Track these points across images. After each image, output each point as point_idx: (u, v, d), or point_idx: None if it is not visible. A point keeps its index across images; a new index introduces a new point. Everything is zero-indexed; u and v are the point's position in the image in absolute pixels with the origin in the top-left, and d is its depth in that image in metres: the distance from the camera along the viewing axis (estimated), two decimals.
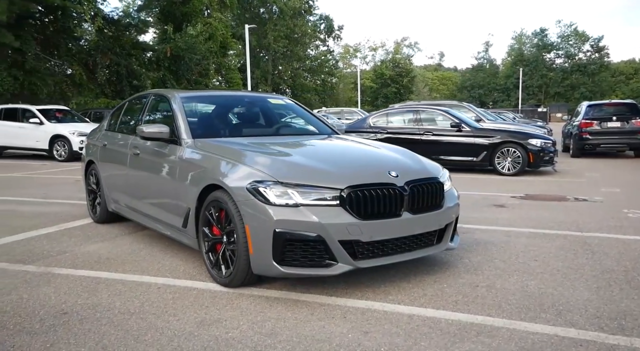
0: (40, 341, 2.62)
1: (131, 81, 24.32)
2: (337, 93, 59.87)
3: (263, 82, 45.92)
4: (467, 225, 5.45)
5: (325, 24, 55.19)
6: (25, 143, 14.33)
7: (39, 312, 3.02)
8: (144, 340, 2.66)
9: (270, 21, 44.73)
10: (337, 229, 3.15)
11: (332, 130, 5.03)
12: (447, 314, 3.05)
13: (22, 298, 3.25)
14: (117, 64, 23.91)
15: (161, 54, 26.79)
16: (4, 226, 5.45)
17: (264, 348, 2.60)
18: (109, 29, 25.01)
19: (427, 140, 10.91)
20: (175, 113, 4.35)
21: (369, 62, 79.60)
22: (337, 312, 3.08)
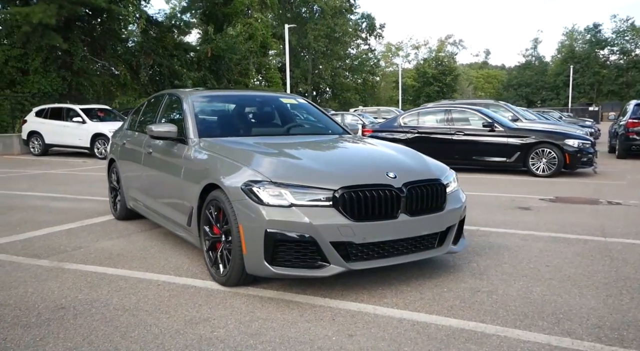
0: (32, 335, 2.72)
1: (173, 81, 24.92)
2: (378, 92, 59.50)
3: (303, 82, 46.15)
4: (484, 228, 5.30)
5: (367, 23, 54.91)
6: (69, 141, 14.94)
7: (39, 306, 3.13)
8: (130, 337, 2.71)
9: (311, 20, 44.86)
10: (329, 230, 3.11)
11: (344, 130, 4.99)
12: (439, 319, 2.97)
13: (27, 292, 3.38)
14: (159, 65, 24.58)
15: (202, 54, 27.35)
16: (31, 221, 5.69)
17: (245, 348, 2.60)
18: (153, 31, 25.77)
19: (458, 140, 10.67)
20: (185, 112, 4.42)
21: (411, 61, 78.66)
22: (327, 314, 3.05)
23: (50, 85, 20.15)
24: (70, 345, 2.60)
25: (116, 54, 23.64)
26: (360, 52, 55.34)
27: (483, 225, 5.45)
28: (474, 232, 5.16)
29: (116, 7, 20.51)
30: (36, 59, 19.87)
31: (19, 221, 5.72)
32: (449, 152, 10.80)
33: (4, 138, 16.87)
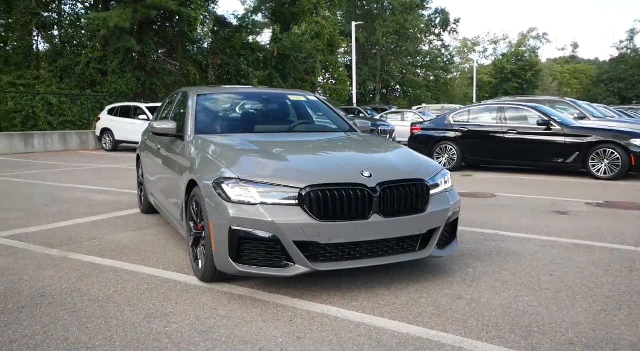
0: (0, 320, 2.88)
1: (239, 80, 25.66)
2: (452, 90, 57.75)
3: (371, 79, 45.76)
4: (504, 232, 4.98)
5: (441, 18, 53.43)
6: (135, 138, 15.77)
7: (23, 293, 3.32)
8: (86, 328, 2.80)
9: (380, 17, 44.35)
10: (292, 229, 3.05)
11: (351, 128, 4.88)
12: (400, 326, 2.83)
13: (22, 279, 3.60)
14: (227, 64, 25.41)
15: (269, 53, 27.93)
16: (67, 212, 6.07)
17: (188, 344, 2.60)
18: (222, 31, 26.70)
19: (510, 138, 10.12)
20: (188, 109, 4.52)
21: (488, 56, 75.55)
22: (287, 315, 2.99)
23: (126, 85, 21.43)
24: (27, 332, 2.73)
25: (187, 55, 24.68)
26: (432, 48, 53.98)
27: (504, 229, 5.12)
28: (490, 236, 4.87)
29: (185, 9, 21.40)
30: (114, 61, 21.20)
31: (56, 212, 6.11)
32: (499, 151, 10.28)
33: (81, 134, 18.15)
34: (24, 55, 21.03)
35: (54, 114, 18.96)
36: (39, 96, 18.73)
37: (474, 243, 4.63)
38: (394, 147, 4.17)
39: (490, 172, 10.49)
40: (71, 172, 10.66)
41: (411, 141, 11.68)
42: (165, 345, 2.60)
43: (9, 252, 4.30)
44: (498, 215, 5.93)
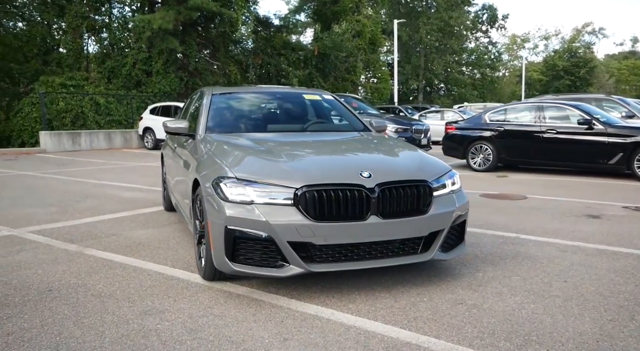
0: (3, 313, 2.99)
1: (279, 79, 25.87)
2: (499, 88, 56.15)
3: (414, 78, 45.08)
4: (525, 236, 4.78)
5: (488, 14, 52.07)
6: None
7: (32, 287, 3.44)
8: (81, 323, 2.86)
9: (424, 15, 43.59)
10: (286, 230, 3.02)
11: (365, 127, 4.81)
12: (391, 330, 2.76)
13: (35, 273, 3.73)
14: (267, 64, 25.66)
15: (309, 52, 28.01)
16: (95, 208, 6.27)
17: (173, 343, 2.62)
18: (263, 31, 27.00)
19: (548, 138, 9.72)
20: (201, 108, 4.57)
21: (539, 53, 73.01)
22: (280, 316, 2.97)
23: (169, 85, 22.00)
24: (25, 325, 2.82)
25: (229, 55, 25.09)
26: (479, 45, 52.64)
27: (527, 233, 4.91)
28: (510, 239, 4.68)
29: (226, 10, 21.74)
30: (158, 62, 21.81)
31: (85, 208, 6.33)
32: (537, 151, 9.89)
33: (125, 133, 18.77)
34: (75, 57, 21.93)
35: (101, 114, 19.70)
36: (87, 96, 19.50)
37: (491, 246, 4.46)
38: (402, 147, 4.07)
39: (527, 173, 10.12)
40: (110, 170, 11.02)
41: (445, 140, 11.43)
42: (153, 342, 2.63)
43: (31, 246, 4.47)
44: (524, 217, 5.70)
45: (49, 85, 19.28)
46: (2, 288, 3.39)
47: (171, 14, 20.25)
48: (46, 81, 19.40)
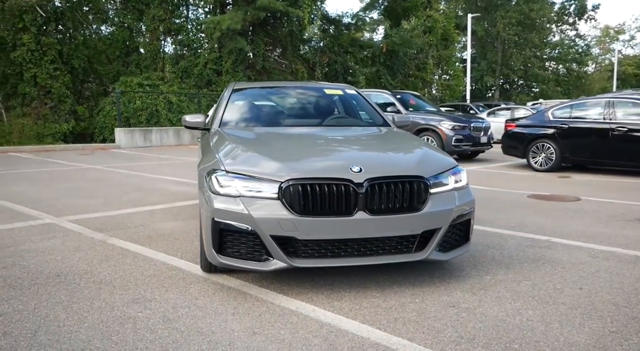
0: (6, 295, 3.19)
1: (346, 77, 25.82)
2: (587, 84, 52.53)
3: (490, 74, 43.22)
4: (557, 239, 4.47)
5: (576, 5, 48.86)
6: None
7: (44, 272, 3.65)
8: (70, 308, 2.99)
9: (502, 8, 41.63)
10: (269, 223, 2.99)
11: (385, 122, 4.68)
12: (365, 330, 2.67)
13: (54, 259, 3.96)
14: (335, 62, 25.69)
15: (377, 50, 27.74)
16: (139, 200, 6.57)
17: (145, 331, 2.68)
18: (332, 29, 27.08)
19: (618, 136, 8.94)
20: (221, 102, 4.65)
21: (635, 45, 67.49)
22: (260, 310, 2.96)
23: None
24: (20, 307, 3.00)
25: (296, 54, 25.41)
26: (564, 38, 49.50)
27: (561, 236, 4.56)
28: (539, 242, 4.37)
29: (294, 9, 22.02)
30: (228, 61, 22.53)
31: (129, 200, 6.65)
32: (605, 151, 9.14)
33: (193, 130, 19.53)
34: (152, 58, 23.17)
35: (173, 112, 20.64)
36: (162, 95, 20.53)
37: (514, 249, 4.18)
38: (409, 142, 3.92)
39: (594, 174, 9.40)
40: (170, 165, 11.52)
41: (505, 139, 10.87)
42: (126, 329, 2.70)
43: (62, 234, 4.76)
44: (567, 220, 5.29)
45: (128, 85, 20.49)
46: (18, 272, 3.63)
47: (239, 14, 20.83)
48: (125, 81, 20.63)
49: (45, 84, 19.61)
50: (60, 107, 19.95)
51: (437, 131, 11.64)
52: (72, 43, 20.76)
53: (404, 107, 12.44)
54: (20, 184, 8.08)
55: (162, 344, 2.52)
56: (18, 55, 19.32)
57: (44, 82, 19.55)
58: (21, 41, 19.29)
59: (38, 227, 5.02)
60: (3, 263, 3.82)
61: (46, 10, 19.31)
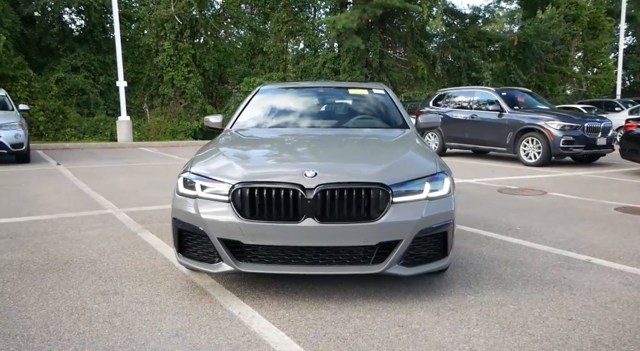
0: (11, 277, 3.58)
1: (470, 73, 24.53)
2: None
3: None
4: (599, 260, 3.85)
5: None
6: None
7: (58, 258, 4.03)
8: (47, 294, 3.25)
9: None
10: (216, 226, 2.99)
11: (404, 124, 4.41)
12: (283, 343, 2.59)
13: (78, 247, 4.36)
14: (457, 57, 24.54)
15: (507, 43, 25.87)
16: None
17: (85, 323, 2.83)
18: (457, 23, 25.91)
19: None
20: (242, 103, 4.73)
21: None
22: (202, 312, 2.98)
23: None
24: (8, 290, 3.34)
25: (416, 50, 24.77)
26: None
27: (610, 258, 3.91)
28: (574, 262, 3.79)
29: (412, 5, 21.50)
30: (345, 60, 22.79)
31: None
32: None
33: None
34: (275, 59, 24.31)
35: None
36: None
37: (537, 268, 3.67)
38: (399, 146, 3.66)
39: None
40: None
41: (624, 141, 9.46)
42: (69, 320, 2.86)
43: (108, 224, 5.22)
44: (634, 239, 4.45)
45: (251, 85, 21.75)
46: (38, 257, 4.07)
47: (355, 13, 20.92)
48: (249, 82, 21.94)
49: (180, 85, 21.68)
50: (192, 106, 21.88)
51: (544, 132, 10.52)
52: (204, 47, 22.61)
53: (509, 105, 11.45)
54: (121, 176, 9.04)
55: (85, 338, 2.64)
56: (160, 60, 21.61)
57: (179, 84, 21.63)
58: (162, 47, 21.53)
59: (96, 217, 5.57)
60: (34, 248, 4.31)
61: (183, 19, 21.27)
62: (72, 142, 17.53)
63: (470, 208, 5.98)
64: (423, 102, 14.56)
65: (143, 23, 22.62)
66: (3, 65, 17.57)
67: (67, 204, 6.30)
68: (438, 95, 13.56)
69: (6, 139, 10.55)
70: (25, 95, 18.18)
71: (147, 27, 22.63)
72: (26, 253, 4.15)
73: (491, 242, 4.42)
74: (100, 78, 21.52)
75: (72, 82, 19.99)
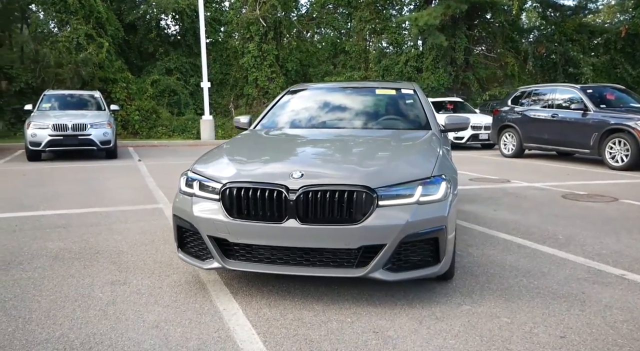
0: (40, 263, 3.93)
1: (567, 69, 22.85)
2: None
3: None
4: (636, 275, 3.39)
5: None
6: None
7: (93, 248, 4.34)
8: (62, 282, 3.53)
9: None
10: (206, 224, 3.08)
11: (428, 125, 4.28)
12: (249, 341, 2.61)
13: (115, 239, 4.67)
14: (553, 52, 22.98)
15: (613, 35, 23.73)
16: None
17: (81, 311, 3.03)
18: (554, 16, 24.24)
19: None
20: (271, 103, 4.81)
21: None
22: (191, 306, 3.07)
23: (437, 81, 22.17)
24: (37, 275, 3.67)
25: (506, 46, 23.54)
26: None
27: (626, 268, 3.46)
28: (607, 276, 3.48)
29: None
30: (428, 58, 22.24)
31: None
32: None
33: None
34: (356, 58, 24.29)
35: None
36: None
37: (556, 280, 3.44)
38: (400, 149, 3.53)
39: None
40: None
41: None
42: (72, 307, 3.06)
43: (154, 218, 5.53)
44: None
45: None
46: (77, 246, 4.41)
47: (439, 9, 20.32)
48: (329, 81, 22.14)
49: (263, 86, 22.39)
50: None
51: (633, 132, 9.55)
52: (287, 48, 23.15)
53: (595, 103, 10.53)
54: None
55: (74, 324, 2.81)
56: (245, 61, 22.47)
57: (262, 84, 22.35)
58: (247, 49, 22.36)
59: (147, 211, 5.94)
60: (78, 238, 4.68)
61: (268, 21, 21.94)
62: (162, 139, 18.76)
63: (519, 214, 5.59)
64: (501, 100, 13.83)
65: (231, 26, 23.63)
66: (105, 69, 19.22)
67: (128, 198, 6.77)
68: (517, 93, 12.81)
69: (96, 137, 11.55)
70: (124, 96, 19.75)
71: (234, 30, 23.62)
72: (68, 242, 4.52)
73: (521, 251, 4.11)
74: (191, 79, 22.81)
75: (165, 83, 21.40)
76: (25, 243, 4.48)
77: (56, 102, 12.94)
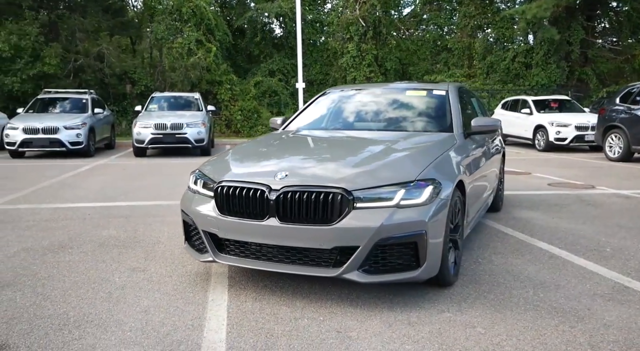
0: (86, 249, 4.37)
1: None
2: None
3: None
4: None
5: None
6: (517, 132, 15.35)
7: (136, 238, 4.73)
8: (96, 266, 3.92)
9: None
10: (202, 219, 3.28)
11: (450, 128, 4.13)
12: (215, 331, 2.74)
13: (157, 230, 5.04)
14: None
15: None
16: None
17: (91, 292, 3.36)
18: None
19: None
20: (305, 104, 4.90)
21: None
22: (186, 296, 3.26)
23: (548, 77, 20.67)
24: (76, 259, 4.11)
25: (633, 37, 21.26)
26: None
27: None
28: (631, 293, 3.06)
29: None
30: (539, 53, 20.82)
31: None
32: None
33: None
34: (459, 55, 23.42)
35: None
36: None
37: (568, 294, 3.15)
38: (391, 151, 3.49)
39: None
40: None
41: None
42: (88, 289, 3.41)
43: None
44: None
45: None
46: (124, 235, 4.85)
47: (550, 0, 18.88)
48: (428, 79, 21.63)
49: None
50: None
51: None
52: (386, 47, 22.99)
53: None
54: None
55: (78, 304, 3.12)
56: (344, 61, 22.74)
57: None
58: (347, 49, 22.60)
59: None
60: (130, 227, 5.14)
61: (367, 20, 22.00)
62: None
63: (579, 222, 5.09)
64: (609, 99, 12.54)
65: (332, 27, 24.02)
66: (212, 72, 20.59)
67: None
68: (626, 90, 11.53)
69: (191, 135, 12.48)
70: (228, 97, 21.00)
71: (335, 31, 23.98)
72: (120, 231, 4.99)
73: (550, 262, 3.77)
74: (292, 80, 23.56)
75: (267, 84, 22.37)
76: (86, 230, 5.03)
77: (161, 104, 14.18)
